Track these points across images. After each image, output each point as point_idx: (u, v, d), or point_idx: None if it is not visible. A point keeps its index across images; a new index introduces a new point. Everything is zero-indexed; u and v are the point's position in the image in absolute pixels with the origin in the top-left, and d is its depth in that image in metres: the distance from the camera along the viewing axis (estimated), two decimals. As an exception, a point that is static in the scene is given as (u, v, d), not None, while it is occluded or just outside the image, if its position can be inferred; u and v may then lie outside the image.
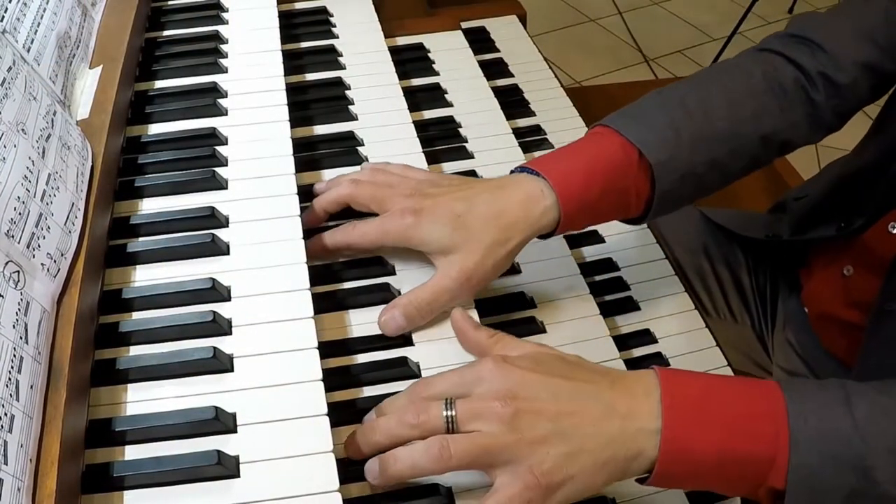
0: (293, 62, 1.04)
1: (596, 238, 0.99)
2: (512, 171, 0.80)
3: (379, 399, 0.72)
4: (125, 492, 0.62)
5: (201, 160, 0.86)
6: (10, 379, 0.56)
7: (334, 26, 1.14)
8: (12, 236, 0.63)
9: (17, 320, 0.60)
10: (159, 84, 0.97)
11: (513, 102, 1.13)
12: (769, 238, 1.05)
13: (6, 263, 0.61)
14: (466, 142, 1.03)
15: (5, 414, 0.55)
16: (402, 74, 1.08)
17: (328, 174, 0.91)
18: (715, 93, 0.83)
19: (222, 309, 0.73)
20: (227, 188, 0.84)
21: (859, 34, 0.87)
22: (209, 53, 1.00)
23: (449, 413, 0.61)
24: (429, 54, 1.18)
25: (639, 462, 0.61)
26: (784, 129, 0.85)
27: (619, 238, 0.99)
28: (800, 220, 1.02)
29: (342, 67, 1.06)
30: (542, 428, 0.60)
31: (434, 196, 0.77)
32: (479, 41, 1.24)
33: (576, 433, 0.60)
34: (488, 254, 0.74)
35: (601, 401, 0.61)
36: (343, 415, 0.70)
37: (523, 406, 0.60)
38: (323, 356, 0.70)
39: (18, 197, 0.65)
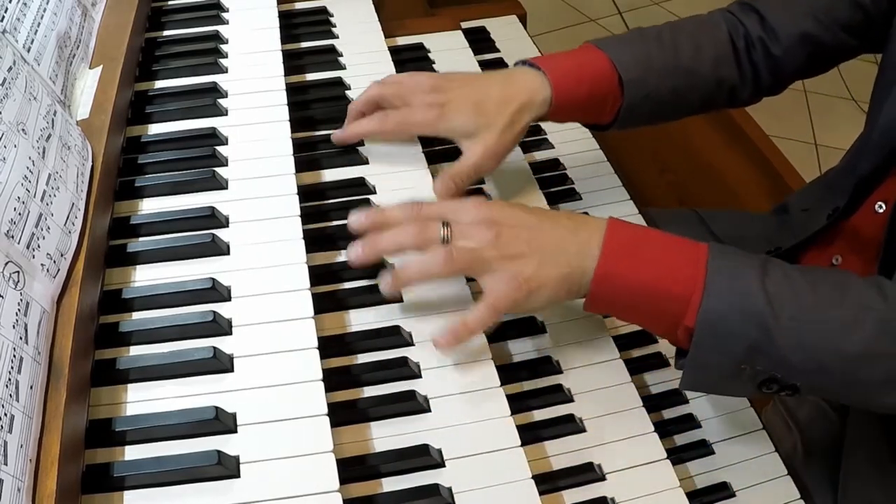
0: (293, 62, 1.04)
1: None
2: (516, 64, 0.95)
3: (379, 399, 0.72)
4: (125, 492, 0.62)
5: (201, 160, 0.86)
6: (10, 379, 0.56)
7: (334, 26, 1.14)
8: (12, 236, 0.63)
9: (17, 320, 0.60)
10: (159, 84, 0.97)
11: (513, 102, 1.13)
12: (770, 253, 1.07)
13: (6, 263, 0.61)
14: (466, 142, 1.03)
15: (5, 414, 0.55)
16: (403, 75, 1.08)
17: (328, 174, 0.91)
18: (686, 36, 0.98)
19: (222, 309, 0.73)
20: (227, 188, 0.84)
21: (802, 8, 0.98)
22: (209, 53, 1.00)
23: (445, 232, 0.76)
24: (429, 54, 1.17)
25: (586, 279, 0.74)
26: (734, 78, 0.99)
27: (619, 238, 0.99)
28: (803, 229, 1.03)
29: (342, 67, 1.06)
30: (518, 246, 0.75)
31: (453, 90, 0.90)
32: (479, 41, 1.24)
33: (544, 250, 0.75)
34: (504, 132, 0.89)
35: (562, 226, 0.76)
36: (343, 415, 0.70)
37: (503, 230, 0.75)
38: (323, 356, 0.70)
39: (18, 197, 0.65)
